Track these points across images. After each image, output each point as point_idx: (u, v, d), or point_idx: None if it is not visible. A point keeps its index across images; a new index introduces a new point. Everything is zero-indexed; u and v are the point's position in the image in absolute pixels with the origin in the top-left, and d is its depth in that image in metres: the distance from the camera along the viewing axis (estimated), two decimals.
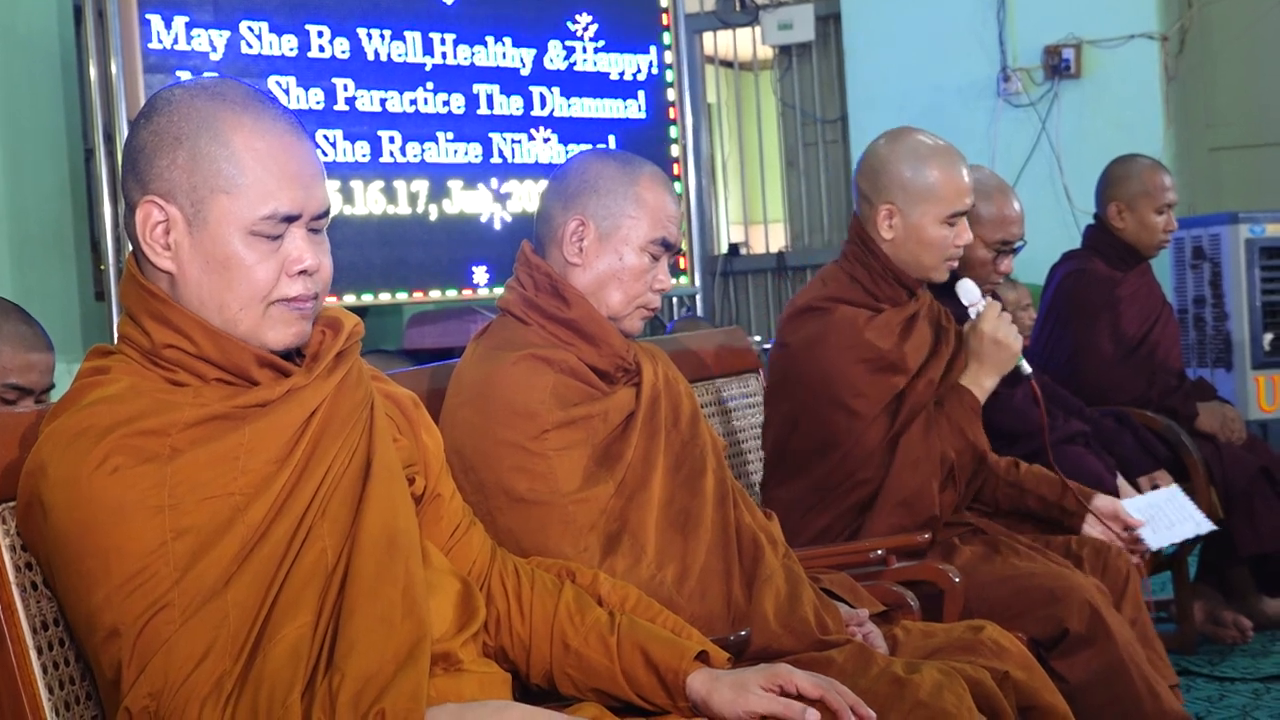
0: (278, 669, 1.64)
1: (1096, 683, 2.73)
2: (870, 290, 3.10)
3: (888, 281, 3.10)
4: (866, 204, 3.12)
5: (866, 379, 3.02)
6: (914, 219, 3.07)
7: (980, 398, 3.09)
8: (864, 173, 3.15)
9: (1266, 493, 4.25)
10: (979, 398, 3.09)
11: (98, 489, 1.63)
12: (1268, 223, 5.89)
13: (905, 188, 3.07)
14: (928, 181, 3.06)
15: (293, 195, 1.76)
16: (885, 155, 3.12)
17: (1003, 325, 3.11)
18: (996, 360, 3.10)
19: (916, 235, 3.07)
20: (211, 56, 4.98)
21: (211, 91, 1.77)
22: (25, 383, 2.60)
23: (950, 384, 3.10)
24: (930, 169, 3.07)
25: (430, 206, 5.52)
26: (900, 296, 3.12)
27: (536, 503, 2.23)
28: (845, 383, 3.01)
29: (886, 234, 3.08)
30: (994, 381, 3.11)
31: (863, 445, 3.00)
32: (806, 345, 3.06)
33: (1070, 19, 6.72)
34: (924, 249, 3.08)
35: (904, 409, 3.03)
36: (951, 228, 3.08)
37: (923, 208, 3.06)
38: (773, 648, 2.28)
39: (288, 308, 1.77)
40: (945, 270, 3.12)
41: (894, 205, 3.07)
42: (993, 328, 3.10)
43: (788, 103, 7.65)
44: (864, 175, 3.14)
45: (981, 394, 3.09)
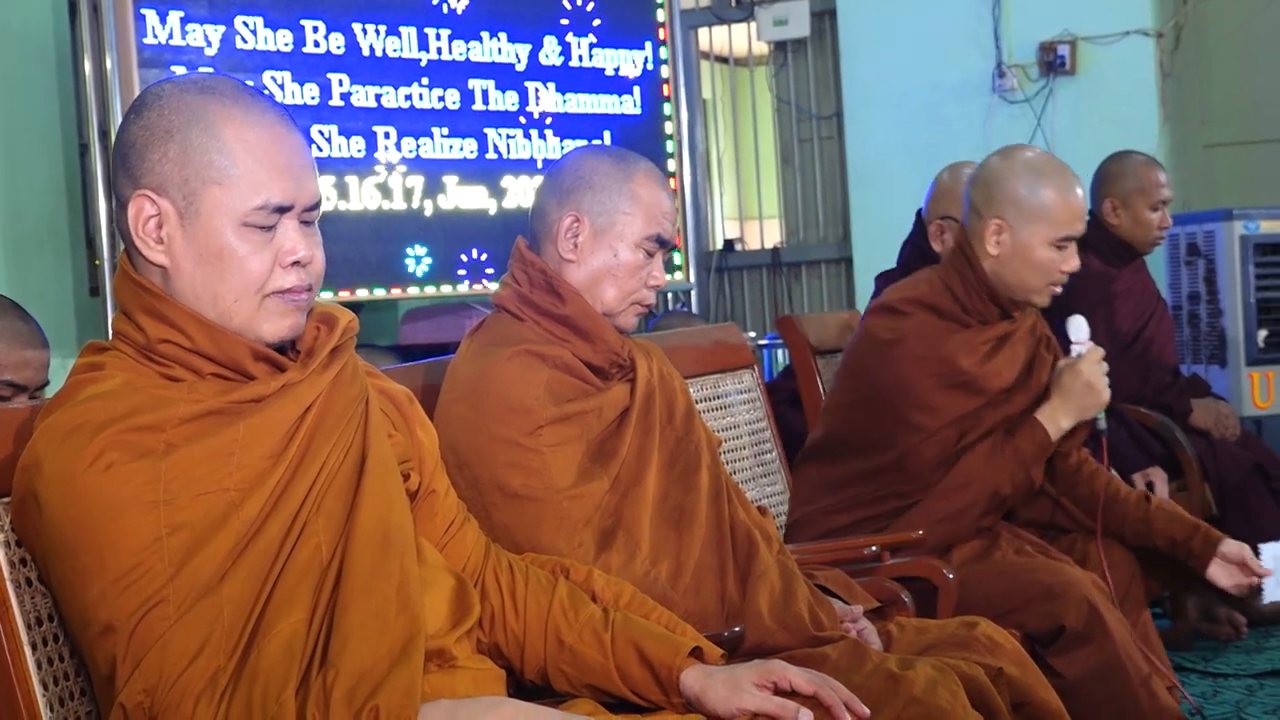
0: (272, 665, 1.64)
1: (1093, 679, 2.73)
2: (961, 302, 3.05)
3: (981, 298, 3.05)
4: (975, 216, 3.06)
5: (936, 394, 2.99)
6: (1023, 237, 3.01)
7: (1053, 437, 3.04)
8: (977, 184, 3.08)
9: (1260, 489, 4.26)
10: (1052, 437, 3.04)
11: (92, 485, 1.63)
12: (1262, 219, 5.89)
13: (1018, 204, 3.00)
14: (1042, 201, 2.99)
15: (284, 186, 1.76)
16: (1001, 169, 3.05)
17: (1100, 372, 3.05)
18: (1083, 405, 3.04)
19: (1023, 254, 3.01)
20: (206, 51, 4.97)
21: (201, 86, 1.78)
22: (20, 379, 2.61)
23: (1027, 416, 3.04)
24: (1046, 188, 3.00)
25: (425, 202, 5.51)
26: (991, 314, 3.07)
27: (531, 499, 2.24)
28: (913, 394, 2.99)
29: (993, 249, 3.02)
30: (1071, 424, 3.05)
31: (915, 459, 2.99)
32: (882, 345, 3.03)
33: (1065, 15, 6.72)
34: (1029, 269, 3.02)
35: (972, 431, 3.00)
36: (1060, 251, 3.01)
37: (1033, 227, 3.00)
38: (767, 644, 2.28)
39: (282, 300, 1.77)
40: (1048, 294, 3.06)
41: (1004, 221, 3.01)
42: (1091, 371, 3.04)
43: (783, 99, 7.65)
44: (977, 187, 3.07)
45: (1055, 433, 3.04)
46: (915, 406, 2.99)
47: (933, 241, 3.81)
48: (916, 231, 3.89)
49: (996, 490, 2.99)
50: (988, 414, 3.02)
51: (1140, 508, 3.15)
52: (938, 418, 2.98)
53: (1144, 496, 3.18)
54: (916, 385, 2.98)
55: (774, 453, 3.42)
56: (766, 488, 3.36)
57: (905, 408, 2.99)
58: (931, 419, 2.98)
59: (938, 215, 3.82)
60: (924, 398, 2.98)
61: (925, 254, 3.84)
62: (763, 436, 3.40)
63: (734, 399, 3.36)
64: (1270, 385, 5.93)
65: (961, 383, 3.00)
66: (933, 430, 2.98)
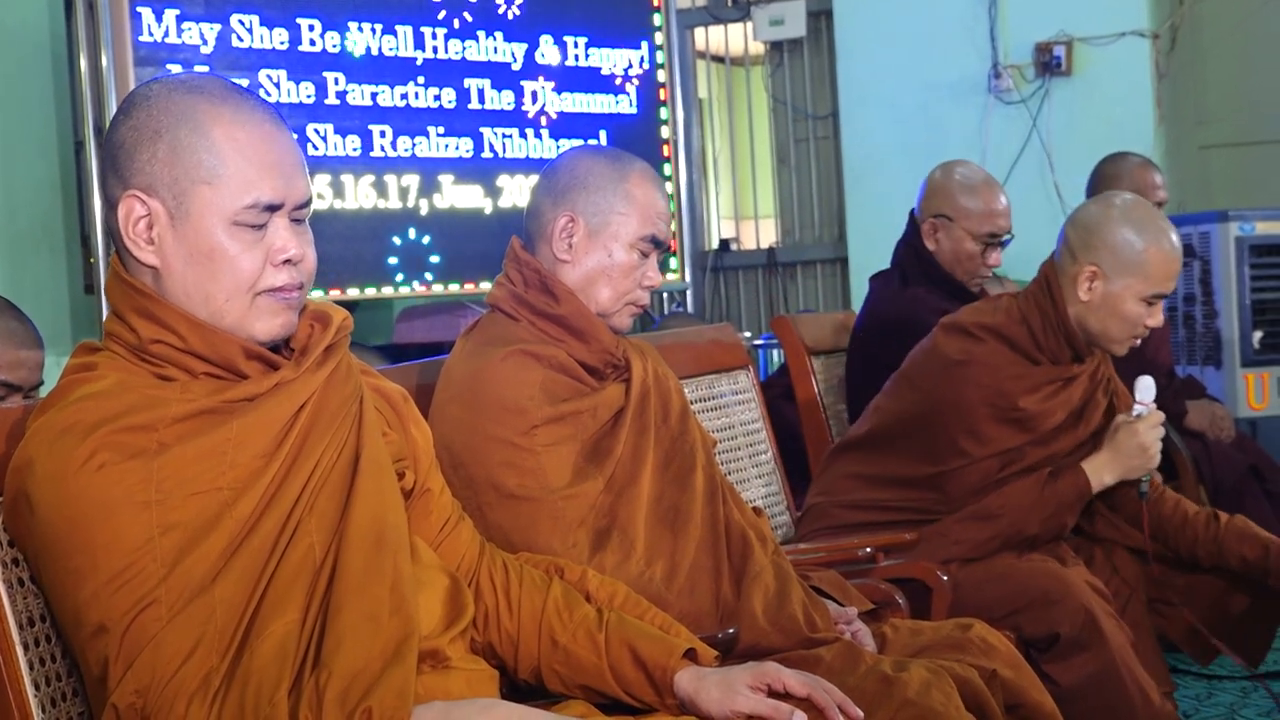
0: (265, 665, 1.64)
1: (1089, 686, 2.72)
2: (1037, 339, 3.03)
3: (1057, 338, 3.03)
4: (1070, 257, 3.02)
5: (989, 424, 2.98)
6: (1116, 288, 2.98)
7: (1094, 489, 3.02)
8: (1077, 225, 3.04)
9: (1255, 491, 4.25)
10: (1093, 488, 3.02)
11: (84, 485, 1.63)
12: (1258, 221, 5.89)
13: (1117, 254, 2.97)
14: (1142, 256, 2.96)
15: (274, 184, 1.76)
16: (1106, 216, 3.00)
17: (1155, 437, 3.02)
18: (1131, 465, 3.02)
19: (1113, 305, 2.99)
20: (202, 50, 4.96)
21: (189, 85, 1.77)
22: (15, 379, 2.60)
23: (1073, 463, 3.03)
24: (1148, 243, 2.96)
25: (421, 201, 5.51)
26: (1064, 355, 3.05)
27: (525, 498, 2.23)
28: (969, 420, 2.98)
29: (1083, 295, 2.99)
30: (1114, 481, 3.03)
31: (960, 483, 2.99)
32: (949, 364, 3.02)
33: (1061, 16, 6.72)
34: (1115, 320, 2.99)
35: (1014, 464, 2.99)
36: (1149, 306, 2.99)
37: (1128, 280, 2.97)
38: (761, 645, 2.28)
39: (274, 298, 1.77)
40: (1127, 346, 3.04)
41: (1099, 268, 2.98)
42: (1148, 434, 3.01)
43: (779, 98, 7.65)
44: (1075, 227, 3.04)
45: (1097, 486, 3.02)
46: (967, 432, 2.98)
47: (926, 240, 3.81)
48: (910, 231, 3.89)
49: (1023, 530, 2.98)
50: (1031, 450, 3.01)
51: (1211, 528, 3.12)
52: (985, 448, 2.98)
53: (1212, 515, 3.16)
54: (974, 412, 2.98)
55: (769, 453, 3.42)
56: (761, 488, 3.36)
57: (957, 431, 2.99)
58: (979, 448, 2.98)
59: (930, 214, 3.82)
60: (978, 426, 2.98)
61: (919, 253, 3.84)
62: (758, 437, 3.40)
63: (729, 399, 3.36)
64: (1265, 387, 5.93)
65: (1016, 418, 2.99)
66: (977, 459, 2.98)
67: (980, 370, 2.99)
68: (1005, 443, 2.99)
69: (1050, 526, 3.00)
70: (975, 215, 3.72)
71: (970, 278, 3.79)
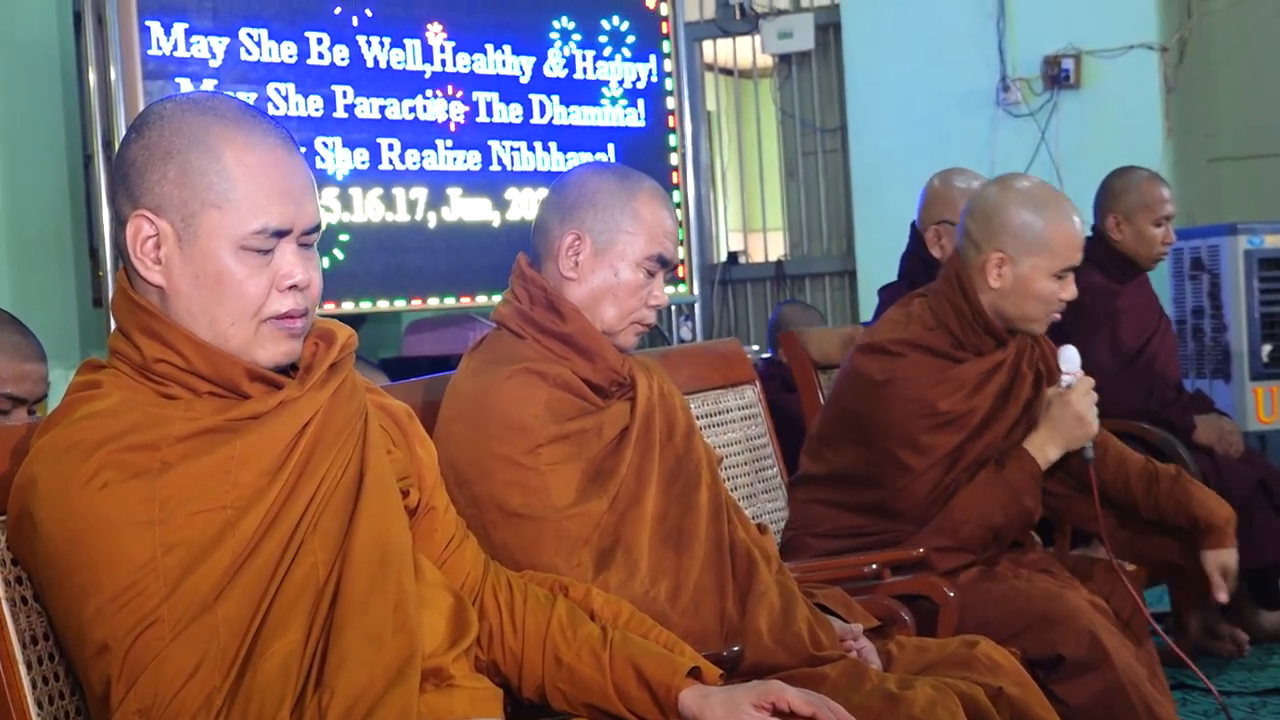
0: (267, 685, 1.64)
1: (1096, 706, 2.71)
2: (957, 337, 3.04)
3: (977, 331, 3.04)
4: (974, 249, 3.03)
5: (925, 436, 2.98)
6: (1024, 270, 2.98)
7: (1043, 467, 3.01)
8: (974, 215, 3.05)
9: (1264, 506, 4.24)
10: (1041, 467, 3.01)
11: (87, 504, 1.63)
12: (1267, 234, 5.88)
13: (1019, 236, 2.98)
14: (1044, 233, 2.98)
15: (283, 210, 1.75)
16: (1001, 201, 3.02)
17: (1089, 403, 3.02)
18: (1071, 435, 3.01)
19: (1024, 286, 2.99)
20: (211, 63, 4.97)
21: (203, 106, 1.77)
22: (19, 392, 2.60)
23: (1015, 445, 3.03)
24: (1047, 220, 2.98)
25: (429, 214, 5.51)
26: (987, 346, 3.05)
27: (530, 517, 2.23)
28: (902, 434, 2.98)
29: (994, 282, 3.00)
30: (1059, 454, 3.02)
31: (909, 497, 2.98)
32: (873, 385, 3.01)
33: (1070, 29, 6.72)
34: (1030, 301, 3.00)
35: (959, 464, 2.99)
36: (1060, 281, 3.00)
37: (1035, 259, 2.98)
38: (766, 663, 2.27)
39: (278, 326, 1.77)
40: (1047, 323, 3.05)
41: (1005, 254, 2.99)
42: (1081, 403, 3.00)
43: (787, 111, 7.65)
44: (974, 218, 3.05)
45: (1044, 463, 3.01)
46: (906, 446, 2.98)
47: (931, 248, 3.81)
48: (914, 242, 3.90)
49: (991, 523, 2.98)
50: (970, 447, 3.01)
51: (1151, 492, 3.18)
52: (927, 457, 2.98)
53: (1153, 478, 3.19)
54: (909, 425, 2.97)
55: (775, 469, 3.41)
56: (767, 504, 3.35)
57: (896, 446, 2.99)
58: (921, 458, 2.98)
59: (933, 221, 3.83)
60: (916, 437, 2.98)
61: (926, 263, 3.84)
62: (763, 453, 3.40)
63: (735, 415, 3.36)
64: (1274, 400, 5.91)
65: (949, 421, 2.99)
66: (922, 470, 2.98)
67: (905, 385, 2.99)
68: (945, 447, 2.99)
69: (1013, 514, 3.00)
70: None
71: None
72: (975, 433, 3.02)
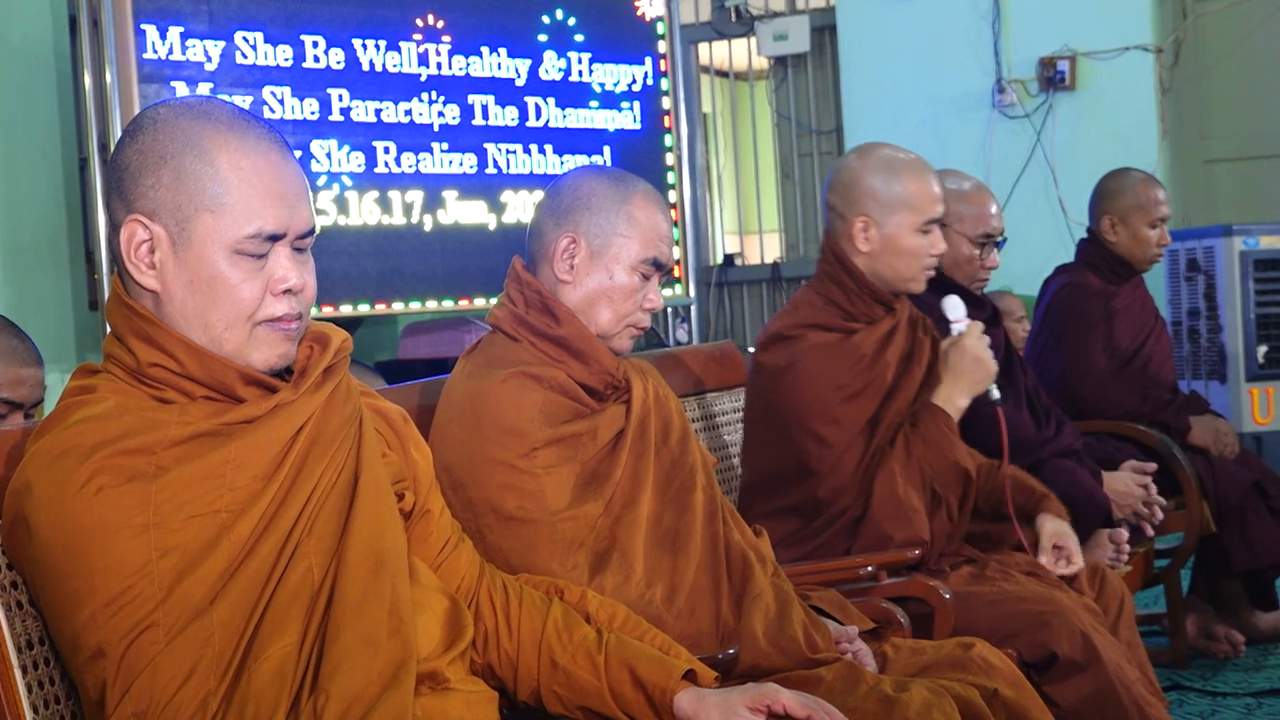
0: (262, 689, 1.64)
1: (1087, 707, 2.72)
2: (846, 309, 3.08)
3: (863, 299, 3.08)
4: (839, 219, 3.10)
5: (839, 407, 3.00)
6: (889, 229, 3.05)
7: (954, 416, 3.06)
8: (835, 188, 3.13)
9: (1259, 507, 4.25)
10: (953, 416, 3.06)
11: (82, 509, 1.63)
12: (1262, 235, 5.90)
13: (879, 198, 3.05)
14: (902, 191, 3.05)
15: (277, 214, 1.75)
16: (857, 169, 3.10)
17: (983, 345, 3.09)
18: (974, 379, 3.07)
19: (893, 245, 3.05)
20: (206, 67, 4.98)
21: (197, 110, 1.77)
22: (15, 397, 2.60)
23: (924, 402, 3.07)
24: (903, 179, 3.06)
25: (425, 217, 5.52)
26: (877, 313, 3.09)
27: (525, 521, 2.23)
28: (817, 410, 2.99)
29: (863, 246, 3.06)
30: (967, 401, 3.08)
31: (839, 472, 2.99)
32: (779, 373, 3.04)
33: (1065, 31, 6.73)
34: (901, 259, 3.06)
35: (879, 431, 3.01)
36: (926, 236, 3.06)
37: (898, 217, 3.04)
38: (761, 666, 2.28)
39: (273, 329, 1.77)
40: (923, 280, 3.10)
41: (869, 217, 3.05)
42: (975, 345, 3.08)
43: (783, 113, 7.66)
44: (834, 190, 3.13)
45: (955, 413, 3.06)
46: (823, 422, 2.99)
47: None
48: None
49: (927, 484, 3.01)
50: (884, 414, 3.04)
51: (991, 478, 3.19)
52: (846, 429, 3.00)
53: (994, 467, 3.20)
54: (821, 402, 3.00)
55: None
56: None
57: (814, 425, 3.00)
58: (841, 432, 2.99)
59: None
60: (830, 412, 3.00)
61: None
62: None
63: (730, 417, 3.36)
64: (1270, 401, 5.93)
65: (859, 390, 3.02)
66: (845, 443, 2.99)
67: (808, 364, 3.01)
68: (861, 417, 3.01)
69: (944, 466, 3.02)
70: (969, 219, 3.74)
71: (971, 280, 3.80)
72: (886, 399, 3.04)
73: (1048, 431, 3.79)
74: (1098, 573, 3.11)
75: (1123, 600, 3.07)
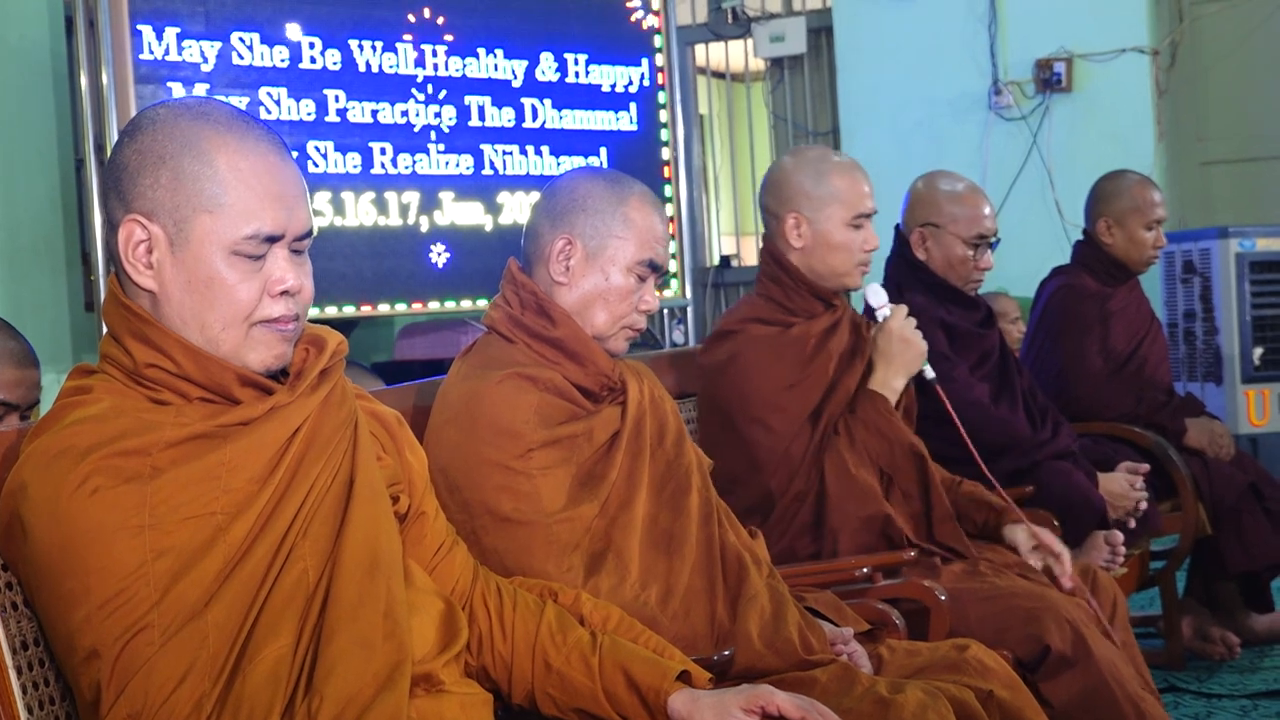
0: (257, 691, 1.64)
1: (1081, 704, 2.72)
2: (785, 305, 3.14)
3: (801, 294, 3.14)
4: (773, 219, 3.17)
5: (782, 394, 3.04)
6: (821, 224, 3.11)
7: (890, 399, 3.11)
8: (768, 189, 3.20)
9: (1254, 509, 4.25)
10: (890, 399, 3.11)
11: (78, 510, 1.63)
12: (1258, 237, 5.91)
13: (809, 195, 3.12)
14: (831, 186, 3.12)
15: (275, 215, 1.76)
16: (789, 168, 3.18)
17: (910, 326, 3.16)
18: (905, 359, 3.14)
19: (825, 240, 3.11)
20: (203, 68, 4.97)
21: (196, 111, 1.77)
22: (12, 399, 2.60)
23: (861, 390, 3.12)
24: (832, 176, 3.13)
25: (421, 218, 5.52)
26: (815, 308, 3.14)
27: (521, 522, 2.23)
28: (761, 400, 3.03)
29: (796, 242, 3.13)
30: (903, 382, 3.15)
31: (788, 462, 3.01)
32: (721, 368, 3.09)
33: (1061, 32, 6.73)
34: (834, 253, 3.12)
35: (822, 420, 3.05)
36: (858, 230, 3.12)
37: (828, 211, 3.11)
38: (757, 668, 2.28)
39: (269, 329, 1.77)
40: (858, 275, 3.16)
41: (800, 214, 3.12)
42: (902, 327, 3.14)
43: (779, 115, 7.66)
44: (768, 191, 3.20)
45: (891, 395, 3.12)
46: (768, 411, 3.03)
47: (916, 251, 3.82)
48: (898, 244, 3.90)
49: (876, 466, 3.05)
50: (827, 406, 3.07)
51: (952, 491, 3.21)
52: (790, 418, 3.03)
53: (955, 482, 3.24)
54: (764, 391, 3.04)
55: None
56: None
57: (760, 415, 3.03)
58: (785, 419, 3.03)
59: (917, 224, 3.83)
60: (774, 399, 3.04)
61: (912, 265, 3.85)
62: None
63: None
64: (1266, 403, 5.93)
65: (800, 379, 3.06)
66: (791, 432, 3.02)
67: (750, 355, 3.06)
68: (804, 407, 3.04)
69: (885, 448, 3.06)
70: (963, 220, 3.75)
71: (965, 282, 3.80)
72: (829, 392, 3.08)
73: (1044, 433, 3.79)
74: (1089, 574, 3.12)
75: (1116, 601, 3.07)
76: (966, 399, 3.58)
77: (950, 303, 3.77)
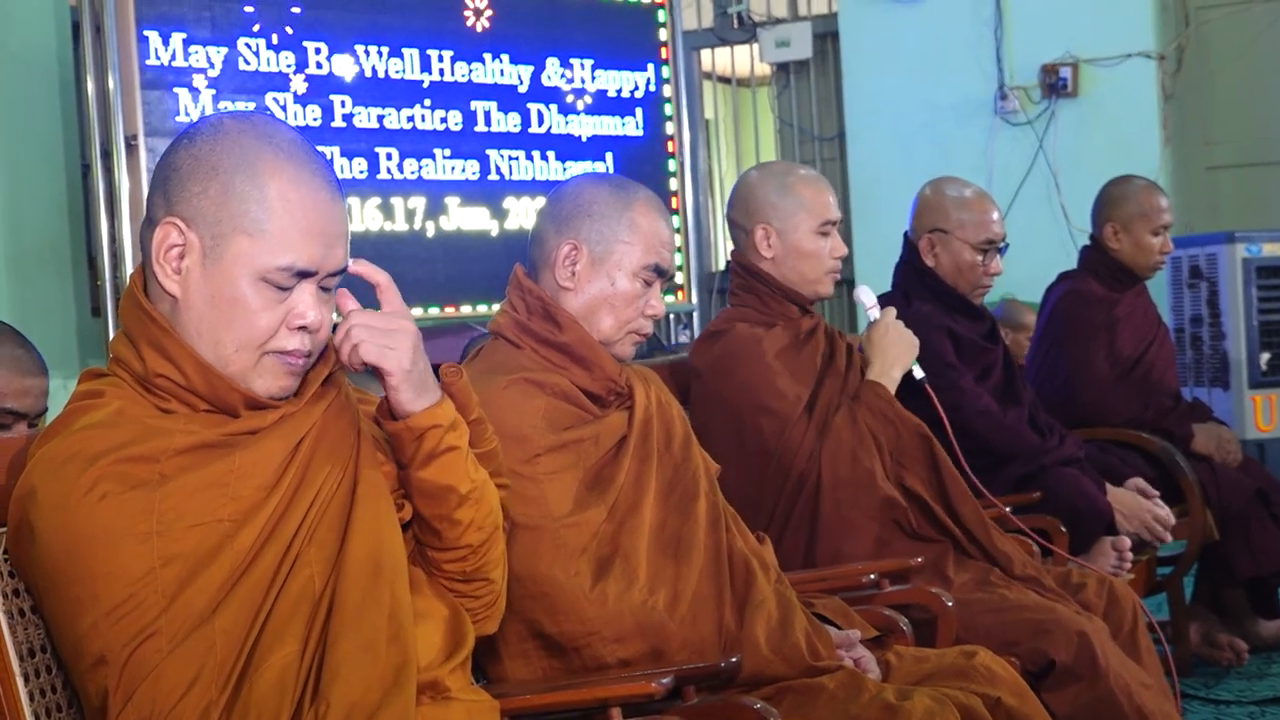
0: (264, 698, 1.64)
1: (1085, 716, 2.71)
2: (762, 311, 3.18)
3: (777, 299, 3.18)
4: (742, 232, 3.21)
5: (782, 379, 3.08)
6: (790, 234, 3.15)
7: (890, 388, 3.17)
8: (735, 204, 3.25)
9: (1262, 515, 4.24)
10: (890, 388, 3.17)
11: (86, 515, 1.63)
12: (1265, 242, 5.90)
13: (776, 205, 3.17)
14: (797, 196, 3.17)
15: (312, 252, 1.75)
16: (754, 182, 3.24)
17: (900, 324, 3.25)
18: (898, 350, 3.22)
19: (795, 249, 3.15)
20: (209, 73, 4.97)
21: (260, 131, 1.76)
22: (20, 407, 2.59)
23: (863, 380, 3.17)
24: (797, 187, 3.18)
25: (427, 223, 5.52)
26: (792, 312, 3.18)
27: (528, 527, 2.23)
28: (763, 386, 3.07)
29: (766, 253, 3.16)
30: (899, 373, 3.21)
31: (789, 444, 3.03)
32: (716, 365, 3.12)
33: (1067, 37, 6.73)
34: (804, 261, 3.16)
35: (817, 409, 3.09)
36: (825, 238, 3.16)
37: (795, 220, 3.15)
38: (764, 673, 2.28)
39: (279, 360, 1.77)
40: (829, 282, 3.21)
41: (769, 225, 3.16)
42: (892, 321, 3.25)
43: (785, 120, 7.66)
44: (735, 206, 3.24)
45: (890, 385, 3.18)
46: (770, 395, 3.07)
47: (925, 257, 3.81)
48: (907, 251, 3.89)
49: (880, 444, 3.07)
50: (820, 396, 3.12)
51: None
52: (792, 402, 3.07)
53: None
54: (763, 378, 3.07)
55: None
56: None
57: (763, 401, 3.06)
58: (787, 405, 3.06)
59: (925, 230, 3.82)
60: (773, 385, 3.08)
61: (920, 272, 3.84)
62: None
63: None
64: (1273, 408, 5.92)
65: (792, 369, 3.10)
66: (793, 416, 3.06)
67: (742, 346, 3.10)
68: (800, 394, 3.08)
69: (896, 435, 3.10)
70: (971, 225, 3.74)
71: (973, 288, 3.79)
72: (818, 383, 3.13)
73: (1051, 441, 3.78)
74: (1105, 584, 3.10)
75: (1134, 610, 3.06)
76: (975, 408, 3.58)
77: (957, 312, 3.76)
